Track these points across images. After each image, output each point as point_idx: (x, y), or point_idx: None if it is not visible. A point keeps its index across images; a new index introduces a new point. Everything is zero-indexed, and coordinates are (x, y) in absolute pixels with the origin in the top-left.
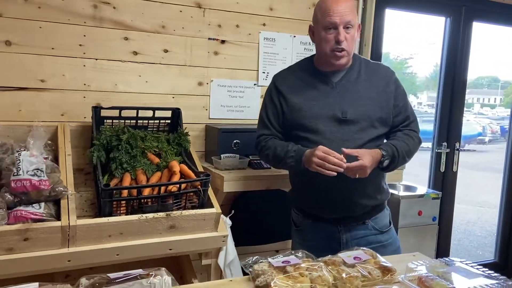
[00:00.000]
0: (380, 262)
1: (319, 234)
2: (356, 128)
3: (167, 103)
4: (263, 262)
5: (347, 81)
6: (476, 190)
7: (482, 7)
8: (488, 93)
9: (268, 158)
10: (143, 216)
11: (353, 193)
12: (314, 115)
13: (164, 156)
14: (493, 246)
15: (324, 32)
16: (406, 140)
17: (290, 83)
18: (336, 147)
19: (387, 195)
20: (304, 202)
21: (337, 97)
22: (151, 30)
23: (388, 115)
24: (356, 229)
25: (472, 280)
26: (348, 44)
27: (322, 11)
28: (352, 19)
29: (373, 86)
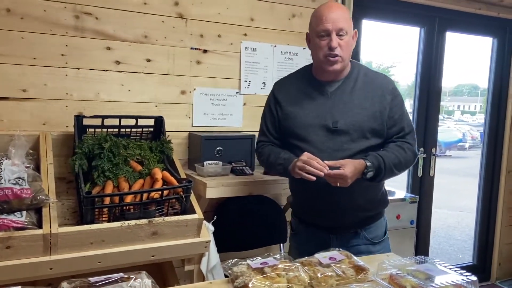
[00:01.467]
0: (354, 262)
1: (312, 240)
2: (346, 139)
3: (150, 111)
4: (242, 264)
5: (342, 91)
6: (456, 195)
7: (454, 17)
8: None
9: (263, 164)
10: (125, 223)
11: (343, 203)
12: (306, 124)
13: (147, 164)
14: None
15: (318, 39)
16: (397, 151)
17: (287, 91)
18: (327, 157)
19: (384, 206)
20: (299, 207)
21: (330, 107)
22: (134, 40)
23: (382, 126)
24: (347, 238)
25: (439, 277)
26: (342, 50)
27: (316, 18)
28: (346, 26)
29: (369, 96)
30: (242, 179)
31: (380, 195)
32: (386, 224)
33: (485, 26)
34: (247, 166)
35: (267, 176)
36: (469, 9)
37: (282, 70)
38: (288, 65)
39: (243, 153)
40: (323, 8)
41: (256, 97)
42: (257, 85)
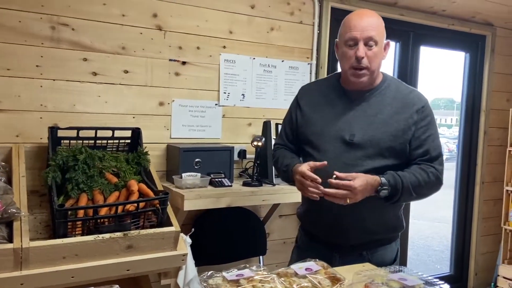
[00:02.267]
0: (330, 272)
1: (316, 255)
2: (362, 154)
3: (128, 123)
4: (218, 276)
5: (368, 103)
6: (434, 206)
7: (428, 32)
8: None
9: (275, 168)
10: (99, 236)
11: (349, 220)
12: (323, 133)
13: (123, 176)
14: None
15: (345, 48)
16: (418, 174)
17: (311, 97)
18: (338, 170)
19: (398, 231)
20: (305, 218)
21: (351, 119)
22: (111, 51)
23: (403, 146)
24: (351, 259)
25: (412, 286)
26: (370, 61)
27: (345, 26)
28: (376, 35)
29: (394, 113)
30: (221, 191)
31: (395, 219)
32: (398, 251)
33: (457, 41)
34: (226, 178)
35: (246, 187)
36: (442, 24)
37: (261, 82)
38: (267, 77)
39: (222, 165)
40: (353, 15)
41: (235, 109)
42: (236, 97)
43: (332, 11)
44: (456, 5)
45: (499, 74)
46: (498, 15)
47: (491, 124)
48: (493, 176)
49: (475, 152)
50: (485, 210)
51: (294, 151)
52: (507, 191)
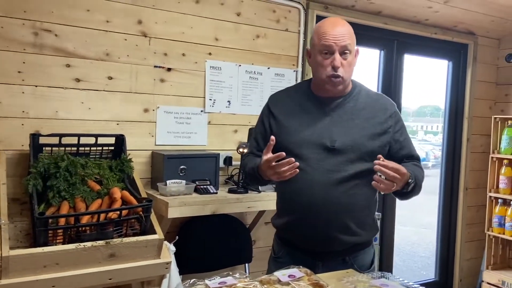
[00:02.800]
0: (313, 279)
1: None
2: (344, 159)
3: (112, 129)
4: (200, 284)
5: (342, 109)
6: (420, 212)
7: (411, 40)
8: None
9: (246, 176)
10: (81, 245)
11: (331, 226)
12: (302, 140)
13: (106, 183)
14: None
15: (320, 57)
16: (416, 170)
17: (283, 105)
18: (320, 176)
19: (374, 233)
20: (284, 228)
21: (329, 125)
22: (95, 58)
23: (381, 149)
24: (334, 265)
25: None
26: (345, 70)
27: (318, 34)
28: (350, 43)
29: (370, 117)
30: (206, 198)
31: (371, 220)
32: (374, 253)
33: (440, 50)
34: (212, 185)
35: (232, 194)
36: (426, 33)
37: (247, 89)
38: (253, 84)
39: (207, 172)
40: (326, 23)
41: (221, 116)
42: (222, 104)
43: (318, 19)
44: (438, 15)
45: (481, 82)
46: (480, 25)
47: (474, 131)
48: (476, 183)
49: (459, 158)
50: (469, 216)
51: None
52: (490, 197)
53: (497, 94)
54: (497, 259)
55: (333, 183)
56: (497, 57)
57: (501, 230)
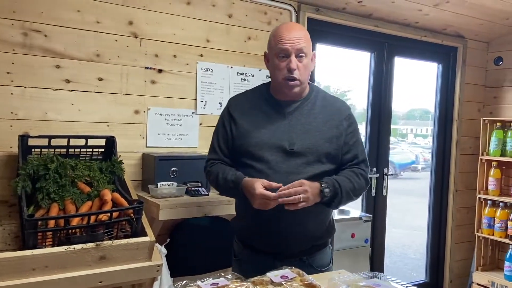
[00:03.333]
0: (306, 280)
1: (256, 266)
2: (302, 161)
3: (102, 131)
4: (192, 286)
5: (300, 112)
6: (411, 215)
7: (402, 43)
8: (420, 124)
9: (213, 184)
10: (71, 247)
11: (290, 228)
12: (262, 143)
13: (96, 185)
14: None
15: (276, 60)
16: (350, 176)
17: (243, 108)
18: (280, 178)
19: (331, 234)
20: (245, 231)
21: (287, 128)
22: (85, 59)
23: (337, 151)
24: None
25: None
26: (301, 73)
27: (275, 37)
28: (305, 47)
29: (326, 120)
30: (198, 200)
31: (328, 223)
32: (332, 253)
33: (430, 53)
34: (203, 187)
35: (223, 196)
36: (415, 36)
37: (238, 90)
38: (245, 86)
39: (198, 174)
40: (283, 27)
41: (213, 118)
42: (213, 106)
43: (309, 21)
44: (428, 18)
45: (470, 84)
46: (469, 28)
47: (463, 133)
48: (465, 184)
49: (448, 161)
50: (458, 218)
51: (230, 165)
52: (480, 198)
53: (485, 96)
54: (486, 260)
55: None
56: (486, 60)
57: (490, 231)
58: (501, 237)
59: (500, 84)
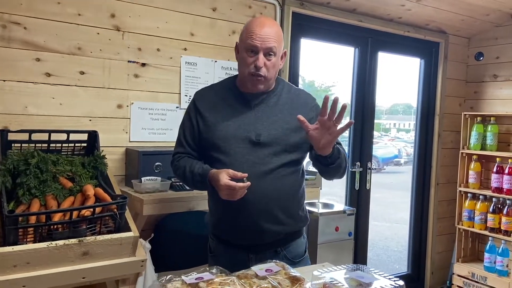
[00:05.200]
0: (290, 273)
1: (231, 261)
2: (269, 152)
3: (84, 126)
4: (177, 280)
5: (266, 104)
6: (393, 208)
7: (385, 38)
8: (403, 118)
9: (180, 179)
10: (53, 243)
11: (262, 218)
12: (228, 135)
13: (78, 180)
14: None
15: (245, 54)
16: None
17: (209, 101)
18: (248, 169)
19: (304, 223)
20: (219, 226)
21: (253, 120)
22: (66, 52)
23: (304, 141)
24: (267, 257)
25: (369, 283)
26: (268, 70)
27: (246, 32)
28: (275, 46)
29: (292, 111)
30: (182, 194)
31: (301, 211)
32: (306, 243)
33: (413, 48)
34: None
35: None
36: (399, 31)
37: None
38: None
39: None
40: (255, 23)
41: None
42: None
43: (293, 15)
44: (411, 13)
45: (452, 79)
46: (451, 23)
47: (444, 127)
48: (447, 178)
49: (430, 155)
50: (440, 211)
51: (197, 158)
52: (460, 192)
53: (466, 91)
54: (467, 252)
55: (260, 175)
56: (467, 55)
57: (470, 224)
58: (481, 229)
59: (481, 79)
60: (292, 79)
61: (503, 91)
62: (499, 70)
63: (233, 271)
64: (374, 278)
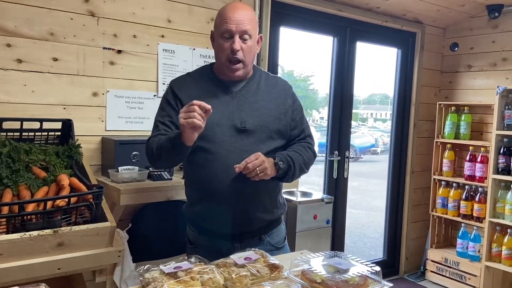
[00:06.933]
0: (268, 260)
1: (215, 251)
2: (254, 139)
3: (58, 114)
4: (155, 270)
5: (247, 91)
6: (370, 196)
7: (363, 28)
8: (380, 108)
9: (155, 157)
10: (26, 234)
11: (250, 205)
12: (213, 123)
13: (52, 170)
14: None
15: (221, 40)
16: (300, 150)
17: (189, 90)
18: (235, 157)
19: (284, 210)
20: (199, 216)
21: (237, 107)
22: (38, 37)
23: (286, 127)
24: (252, 245)
25: (346, 269)
26: (245, 54)
27: (220, 17)
28: (250, 29)
29: (272, 98)
30: (160, 184)
31: (281, 198)
32: (285, 229)
33: (390, 38)
34: (166, 171)
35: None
36: (377, 21)
37: None
38: None
39: None
40: (228, 8)
41: None
42: None
43: (272, 3)
44: (389, 3)
45: (428, 69)
46: (427, 14)
47: (420, 117)
48: (421, 166)
49: (406, 143)
50: (415, 198)
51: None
52: (434, 179)
53: (441, 81)
54: (440, 238)
55: None
56: (442, 45)
57: (444, 211)
58: (454, 216)
59: (455, 69)
60: (271, 68)
61: (476, 81)
62: (473, 61)
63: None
64: (351, 265)
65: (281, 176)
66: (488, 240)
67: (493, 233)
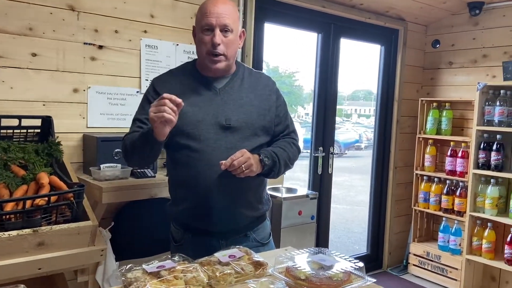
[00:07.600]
0: (253, 258)
1: (200, 249)
2: (239, 136)
3: (37, 111)
4: (137, 269)
5: (231, 88)
6: (354, 191)
7: (347, 24)
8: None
9: (131, 153)
10: (5, 234)
11: (235, 202)
12: (197, 121)
13: (32, 168)
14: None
15: (201, 34)
16: (284, 146)
17: (171, 88)
18: (220, 155)
19: (269, 206)
20: (185, 214)
21: (221, 104)
22: (16, 32)
23: (270, 124)
24: (238, 241)
25: (330, 265)
26: (226, 48)
27: (201, 12)
28: (231, 23)
29: (257, 95)
30: (144, 181)
31: (265, 194)
32: (270, 225)
33: (374, 34)
34: (149, 169)
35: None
36: (360, 17)
37: None
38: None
39: None
40: (208, 2)
41: None
42: None
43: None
44: (372, 0)
45: (410, 66)
46: (410, 11)
47: (403, 113)
48: (404, 161)
49: (389, 139)
50: (397, 193)
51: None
52: (417, 174)
53: (423, 78)
54: (422, 232)
55: None
56: (425, 42)
57: (426, 205)
58: (435, 210)
59: (437, 66)
60: (256, 64)
61: (457, 78)
62: (454, 57)
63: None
64: (335, 261)
65: (267, 172)
66: (469, 233)
67: (473, 227)
